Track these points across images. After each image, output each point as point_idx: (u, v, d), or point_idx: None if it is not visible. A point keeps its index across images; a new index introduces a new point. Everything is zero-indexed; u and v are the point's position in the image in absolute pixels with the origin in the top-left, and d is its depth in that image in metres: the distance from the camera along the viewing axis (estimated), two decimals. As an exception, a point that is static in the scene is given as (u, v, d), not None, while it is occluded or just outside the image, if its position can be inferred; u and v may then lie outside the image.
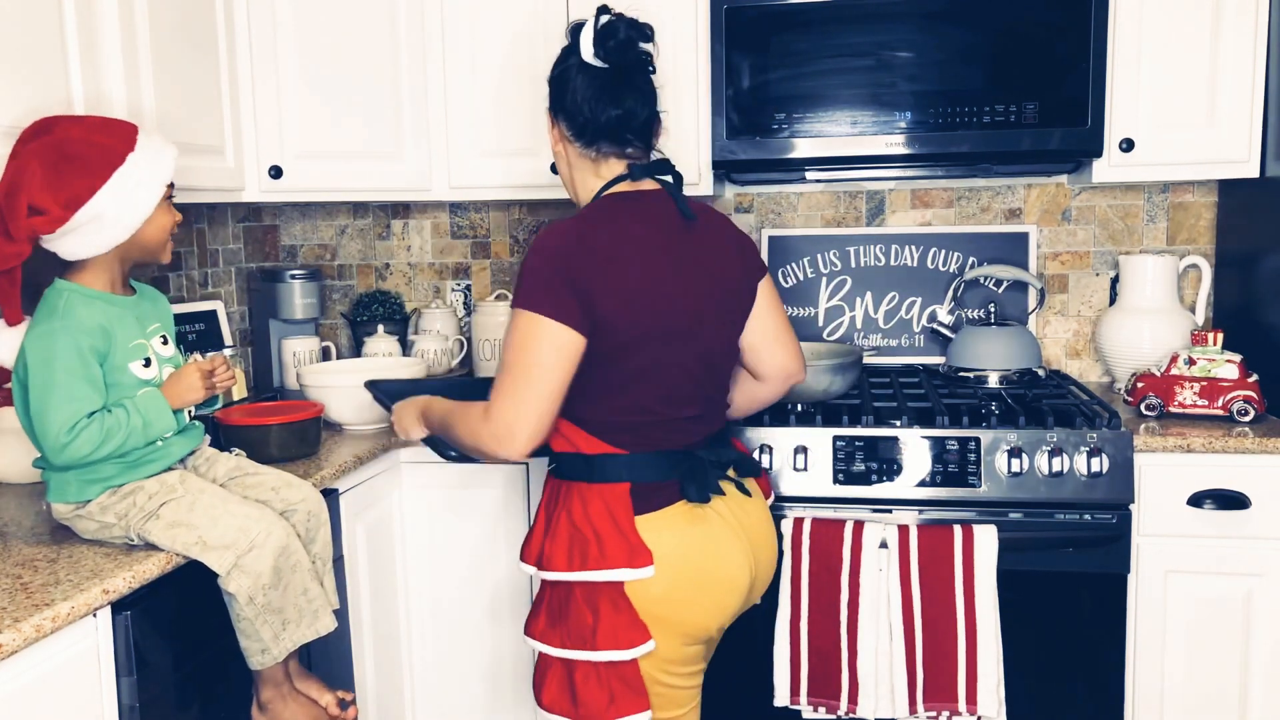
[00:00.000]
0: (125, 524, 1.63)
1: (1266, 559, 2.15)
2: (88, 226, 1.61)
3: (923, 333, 2.84)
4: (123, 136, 1.66)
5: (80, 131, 1.64)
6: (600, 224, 1.68)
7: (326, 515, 1.84)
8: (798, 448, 2.22)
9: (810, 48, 2.40)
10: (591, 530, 1.65)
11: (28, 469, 2.00)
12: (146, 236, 1.69)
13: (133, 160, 1.63)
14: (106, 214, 1.61)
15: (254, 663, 1.68)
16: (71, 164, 1.60)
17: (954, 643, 2.08)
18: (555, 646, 1.69)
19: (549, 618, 1.71)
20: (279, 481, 1.81)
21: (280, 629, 1.67)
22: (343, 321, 3.17)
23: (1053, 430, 2.17)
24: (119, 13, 1.99)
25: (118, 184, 1.61)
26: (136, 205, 1.64)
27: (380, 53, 2.61)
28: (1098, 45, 2.30)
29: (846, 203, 2.89)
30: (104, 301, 1.67)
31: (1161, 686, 2.21)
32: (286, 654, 1.69)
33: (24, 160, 1.60)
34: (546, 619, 1.71)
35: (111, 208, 1.61)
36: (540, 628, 1.72)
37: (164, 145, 1.71)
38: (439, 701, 2.53)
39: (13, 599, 1.39)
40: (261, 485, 1.79)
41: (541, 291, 1.61)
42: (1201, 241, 2.72)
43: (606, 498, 1.66)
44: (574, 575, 1.66)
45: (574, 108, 1.74)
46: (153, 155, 1.66)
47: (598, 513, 1.66)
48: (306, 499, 1.80)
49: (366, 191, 2.70)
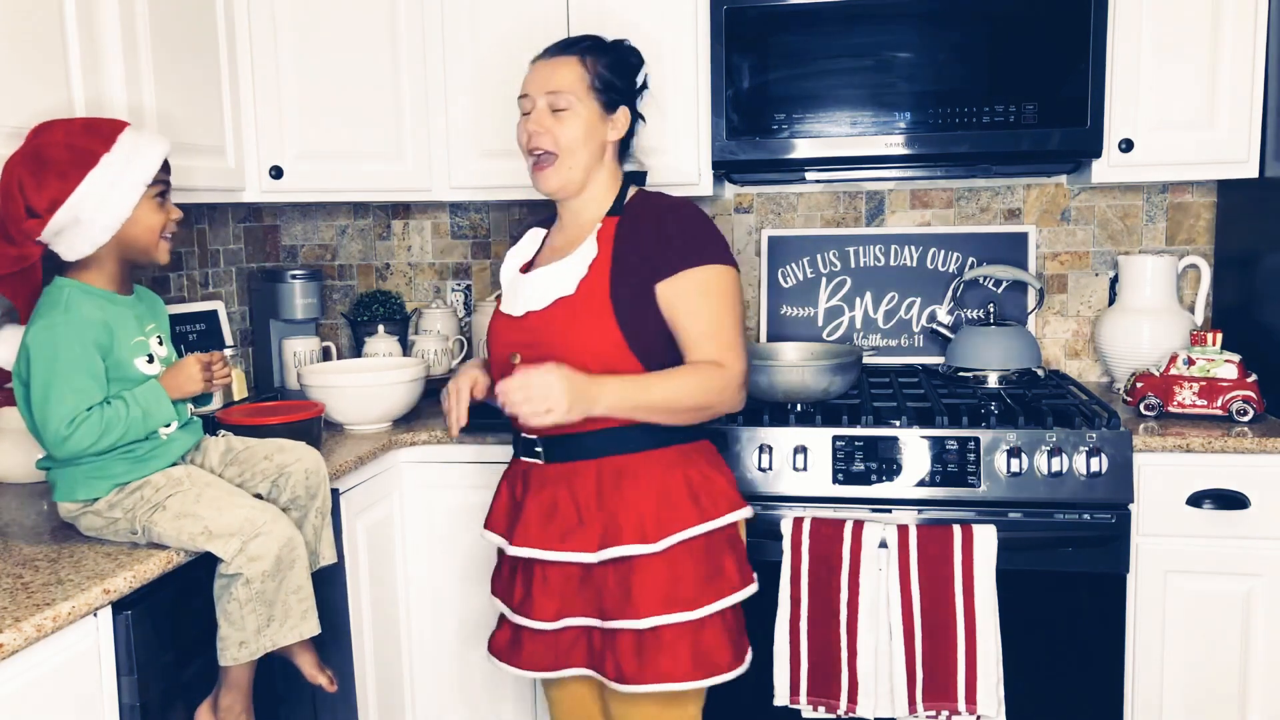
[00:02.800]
0: (131, 517, 1.63)
1: (1266, 559, 2.15)
2: (70, 229, 1.62)
3: (922, 333, 2.84)
4: (102, 137, 1.64)
5: (61, 134, 1.64)
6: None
7: (325, 470, 1.85)
8: (797, 447, 2.22)
9: (810, 48, 2.40)
10: (703, 479, 1.79)
11: (28, 469, 2.01)
12: (133, 236, 1.67)
13: (106, 161, 1.62)
14: (83, 216, 1.61)
15: (228, 656, 1.64)
16: (47, 168, 1.61)
17: (953, 642, 2.08)
18: (706, 605, 1.75)
19: (700, 581, 1.75)
20: (271, 448, 1.82)
21: (265, 624, 1.64)
22: (343, 321, 3.17)
23: (1052, 430, 2.17)
24: (120, 14, 2.00)
25: (90, 186, 1.60)
26: (111, 206, 1.62)
27: (380, 53, 2.61)
28: (1097, 45, 2.31)
29: (846, 203, 2.89)
30: (104, 299, 1.67)
31: (1161, 686, 2.21)
32: (264, 652, 1.65)
33: (11, 165, 1.63)
34: (695, 582, 1.75)
35: (86, 210, 1.61)
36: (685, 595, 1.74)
37: (149, 143, 1.67)
38: (440, 701, 2.54)
39: (13, 599, 1.39)
40: (255, 456, 1.80)
41: (727, 246, 1.80)
42: (1201, 241, 2.73)
43: (706, 449, 1.85)
44: (711, 524, 1.77)
45: (635, 116, 1.87)
46: (130, 155, 1.64)
47: (710, 461, 1.84)
48: (303, 458, 1.81)
49: (367, 192, 2.71)
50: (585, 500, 1.78)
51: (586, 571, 1.79)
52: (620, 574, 1.76)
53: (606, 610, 1.77)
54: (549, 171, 1.83)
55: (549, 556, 1.78)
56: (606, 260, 1.78)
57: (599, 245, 1.80)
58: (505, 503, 1.92)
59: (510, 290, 1.90)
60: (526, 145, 1.84)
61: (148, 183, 1.66)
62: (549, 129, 1.81)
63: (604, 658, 1.79)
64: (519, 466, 1.90)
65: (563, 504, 1.79)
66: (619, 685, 1.77)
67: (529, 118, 1.84)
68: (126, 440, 1.65)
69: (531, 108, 1.84)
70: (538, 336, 1.79)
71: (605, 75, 1.83)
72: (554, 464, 1.81)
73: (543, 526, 1.79)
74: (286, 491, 1.79)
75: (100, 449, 1.62)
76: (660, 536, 1.74)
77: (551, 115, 1.81)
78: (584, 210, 1.88)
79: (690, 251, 1.75)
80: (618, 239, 1.80)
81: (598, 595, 1.78)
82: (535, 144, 1.82)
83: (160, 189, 1.70)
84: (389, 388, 2.42)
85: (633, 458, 1.78)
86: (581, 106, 1.81)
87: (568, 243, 1.88)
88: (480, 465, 2.42)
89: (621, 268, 1.77)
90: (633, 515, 1.75)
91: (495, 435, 2.40)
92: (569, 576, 1.80)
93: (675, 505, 1.76)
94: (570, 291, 1.78)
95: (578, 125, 1.81)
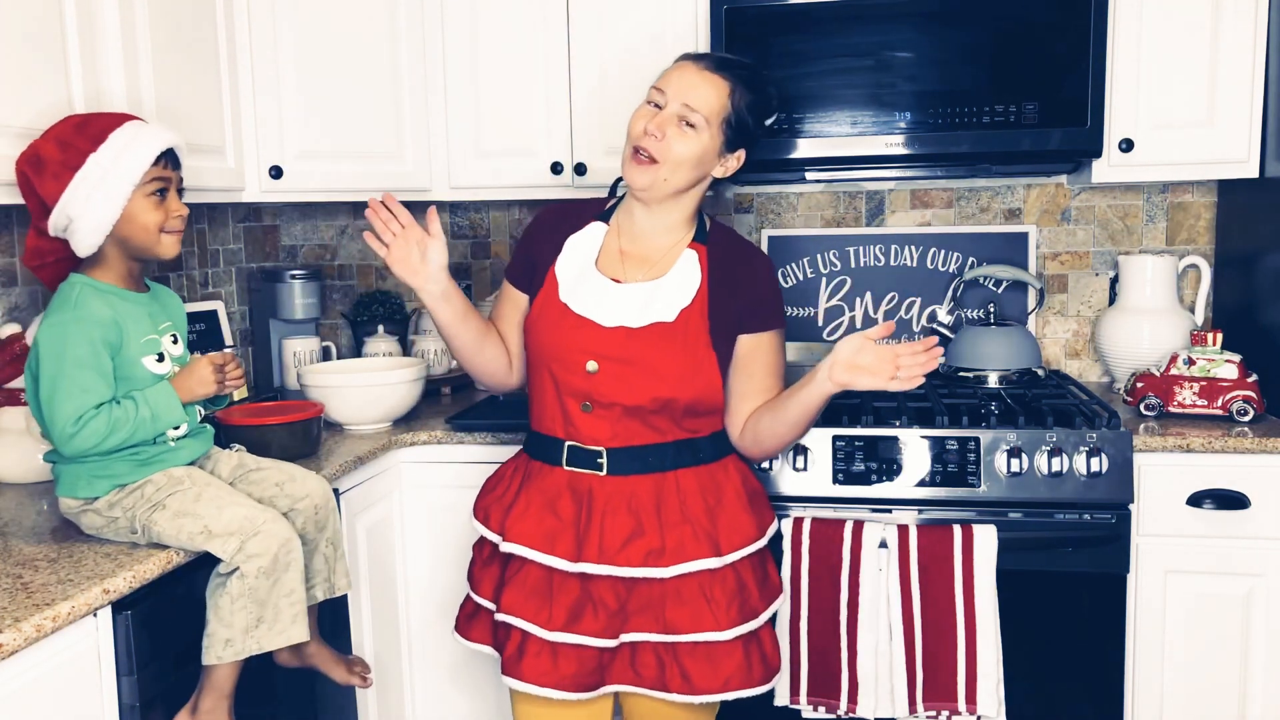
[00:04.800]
0: (131, 516, 1.63)
1: (1266, 559, 2.15)
2: (70, 227, 1.63)
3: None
4: (93, 136, 1.64)
5: (55, 132, 1.66)
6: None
7: (334, 503, 1.84)
8: (797, 447, 2.22)
9: (810, 48, 2.40)
10: (752, 491, 1.88)
11: (28, 469, 2.01)
12: (130, 233, 1.66)
13: (94, 160, 1.61)
14: (74, 215, 1.62)
15: (212, 655, 1.61)
16: (43, 168, 1.62)
17: (953, 642, 2.08)
18: (765, 611, 1.83)
19: (759, 589, 1.83)
20: (283, 476, 1.80)
21: (254, 624, 1.62)
22: (343, 321, 3.17)
23: (1052, 430, 2.17)
24: (119, 14, 2.00)
25: (77, 186, 1.61)
26: (97, 206, 1.61)
27: (380, 52, 2.61)
28: (1097, 45, 2.30)
29: (846, 203, 2.89)
30: (116, 296, 1.68)
31: (1161, 686, 2.21)
32: (249, 654, 1.63)
33: (20, 164, 1.66)
34: (757, 591, 1.82)
35: (76, 209, 1.61)
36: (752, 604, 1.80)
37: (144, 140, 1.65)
38: (440, 701, 2.53)
39: (13, 599, 1.39)
40: (265, 481, 1.79)
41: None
42: (1201, 241, 2.72)
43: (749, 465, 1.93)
44: (766, 536, 1.86)
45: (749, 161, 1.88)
46: (119, 154, 1.62)
47: (753, 472, 1.94)
48: (311, 493, 1.80)
49: (367, 191, 2.69)
50: (654, 514, 1.77)
51: (651, 584, 1.76)
52: (692, 587, 1.76)
53: (677, 624, 1.75)
54: (644, 168, 1.78)
55: (625, 574, 1.74)
56: (705, 295, 1.81)
57: (700, 276, 1.82)
58: (540, 515, 1.80)
59: (590, 290, 1.82)
60: (637, 136, 1.78)
61: (135, 183, 1.63)
62: (667, 137, 1.76)
63: (665, 671, 1.77)
64: (558, 477, 1.82)
65: (636, 517, 1.77)
66: (688, 697, 1.76)
67: (655, 113, 1.78)
68: (134, 441, 1.64)
69: (664, 104, 1.78)
70: (626, 353, 1.77)
71: (743, 115, 1.79)
72: (614, 476, 1.79)
73: (619, 543, 1.74)
74: (295, 524, 1.77)
75: (107, 448, 1.62)
76: (730, 550, 1.77)
77: (676, 125, 1.77)
78: (664, 225, 1.84)
79: (774, 313, 1.87)
80: (711, 272, 1.83)
81: (662, 608, 1.76)
82: (645, 143, 1.77)
83: (158, 186, 1.68)
84: (389, 388, 2.42)
85: (696, 470, 1.81)
86: (707, 133, 1.77)
87: (645, 255, 1.85)
88: (480, 465, 2.42)
89: (717, 306, 1.81)
90: (704, 529, 1.77)
91: (495, 435, 2.40)
92: (630, 590, 1.76)
93: (739, 519, 1.81)
94: (670, 319, 1.78)
95: (694, 149, 1.77)
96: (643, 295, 1.80)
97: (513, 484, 1.89)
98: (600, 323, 1.79)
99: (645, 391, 1.76)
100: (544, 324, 1.84)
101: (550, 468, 1.83)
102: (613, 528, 1.76)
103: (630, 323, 1.78)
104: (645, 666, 1.78)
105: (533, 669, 1.76)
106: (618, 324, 1.79)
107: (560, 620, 1.75)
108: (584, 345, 1.79)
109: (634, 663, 1.79)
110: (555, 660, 1.76)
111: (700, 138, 1.77)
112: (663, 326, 1.78)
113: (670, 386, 1.76)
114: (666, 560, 1.74)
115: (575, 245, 1.88)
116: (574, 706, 1.82)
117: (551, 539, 1.78)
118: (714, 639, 1.75)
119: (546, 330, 1.83)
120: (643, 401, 1.76)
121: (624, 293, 1.81)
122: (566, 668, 1.75)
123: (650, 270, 1.83)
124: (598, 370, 1.78)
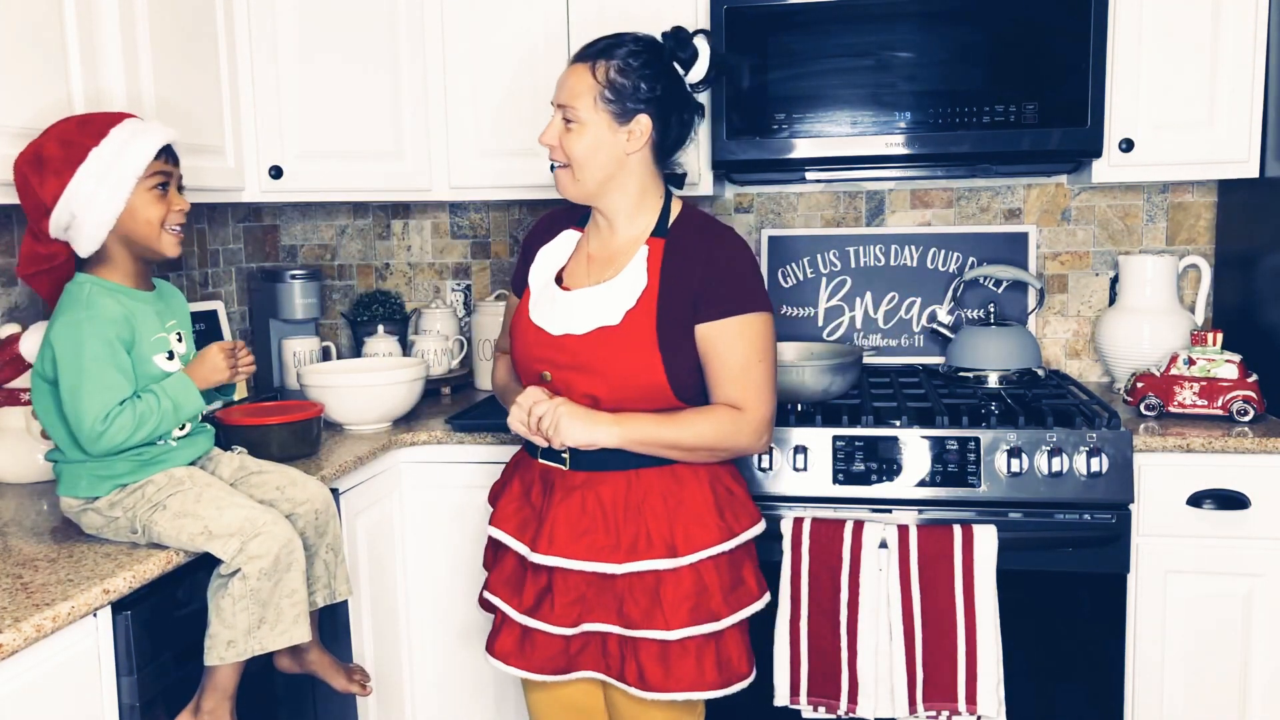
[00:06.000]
0: (131, 515, 1.63)
1: (1266, 559, 2.15)
2: (72, 226, 1.63)
3: (922, 333, 2.84)
4: (94, 132, 1.64)
5: (56, 131, 1.66)
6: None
7: (335, 508, 1.85)
8: (797, 447, 2.22)
9: (810, 48, 2.40)
10: (728, 493, 1.83)
11: (28, 469, 2.01)
12: (132, 229, 1.66)
13: (96, 155, 1.62)
14: (77, 212, 1.62)
15: (214, 655, 1.61)
16: (45, 166, 1.62)
17: (954, 642, 2.08)
18: (729, 616, 1.77)
19: (724, 592, 1.77)
20: (284, 480, 1.81)
21: (256, 625, 1.63)
22: (343, 321, 3.17)
23: (1052, 430, 2.17)
24: (119, 14, 2.00)
25: (79, 182, 1.61)
26: (101, 201, 1.62)
27: (380, 52, 2.61)
28: (1097, 45, 2.30)
29: (846, 203, 2.89)
30: (123, 294, 1.68)
31: (1161, 686, 2.21)
32: (250, 655, 1.63)
33: (19, 165, 1.66)
34: (720, 594, 1.77)
35: (79, 206, 1.61)
36: (711, 607, 1.76)
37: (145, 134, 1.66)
38: (439, 701, 2.53)
39: (13, 599, 1.39)
40: (266, 484, 1.79)
41: (764, 287, 1.82)
42: (1201, 241, 2.72)
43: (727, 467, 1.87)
44: (736, 540, 1.80)
45: (676, 119, 1.81)
46: (121, 149, 1.63)
47: (732, 474, 1.87)
48: (312, 498, 1.80)
49: (366, 191, 2.71)
50: (613, 511, 1.77)
51: (609, 578, 1.78)
52: (647, 584, 1.76)
53: (632, 619, 1.76)
54: (564, 181, 1.82)
55: (575, 566, 1.76)
56: (654, 293, 1.77)
57: (648, 274, 1.78)
58: (518, 504, 1.88)
59: (545, 300, 1.86)
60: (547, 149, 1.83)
61: (139, 175, 1.64)
62: (561, 143, 1.79)
63: (625, 664, 1.79)
64: (535, 469, 1.88)
65: (590, 513, 1.78)
66: (641, 692, 1.77)
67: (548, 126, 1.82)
68: (160, 432, 1.66)
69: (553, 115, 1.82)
70: (575, 360, 1.78)
71: (617, 82, 1.76)
72: (579, 471, 1.80)
73: (571, 536, 1.77)
74: (296, 528, 1.75)
75: (135, 443, 1.63)
76: (689, 552, 1.75)
77: (563, 128, 1.78)
78: (622, 221, 1.84)
79: (734, 299, 1.76)
80: (665, 267, 1.78)
81: (620, 602, 1.77)
82: (552, 156, 1.82)
83: (160, 180, 1.68)
84: (389, 388, 2.42)
85: (660, 470, 1.78)
86: (591, 120, 1.76)
87: (608, 256, 1.84)
88: (480, 465, 2.42)
89: (667, 302, 1.76)
90: (662, 529, 1.75)
91: (495, 435, 2.40)
92: (589, 582, 1.79)
93: (703, 520, 1.77)
94: (614, 322, 1.76)
95: (586, 140, 1.77)
96: (589, 301, 1.80)
97: (507, 472, 1.97)
98: (550, 331, 1.82)
99: (593, 396, 1.77)
100: (515, 334, 1.90)
101: (531, 459, 1.91)
102: (564, 521, 1.78)
103: (576, 329, 1.79)
104: (611, 657, 1.81)
105: (504, 649, 1.87)
106: (564, 331, 1.80)
107: (528, 604, 1.82)
108: (539, 354, 1.83)
109: (604, 651, 1.82)
110: (525, 643, 1.85)
111: (586, 128, 1.77)
112: (607, 331, 1.77)
113: (617, 390, 1.76)
114: (620, 557, 1.75)
115: (545, 254, 1.93)
116: (562, 686, 1.93)
117: (522, 527, 1.85)
118: (662, 638, 1.74)
119: (516, 340, 1.89)
120: (592, 406, 1.77)
121: (572, 300, 1.82)
122: (536, 651, 1.84)
123: (608, 272, 1.83)
124: (551, 379, 1.82)
